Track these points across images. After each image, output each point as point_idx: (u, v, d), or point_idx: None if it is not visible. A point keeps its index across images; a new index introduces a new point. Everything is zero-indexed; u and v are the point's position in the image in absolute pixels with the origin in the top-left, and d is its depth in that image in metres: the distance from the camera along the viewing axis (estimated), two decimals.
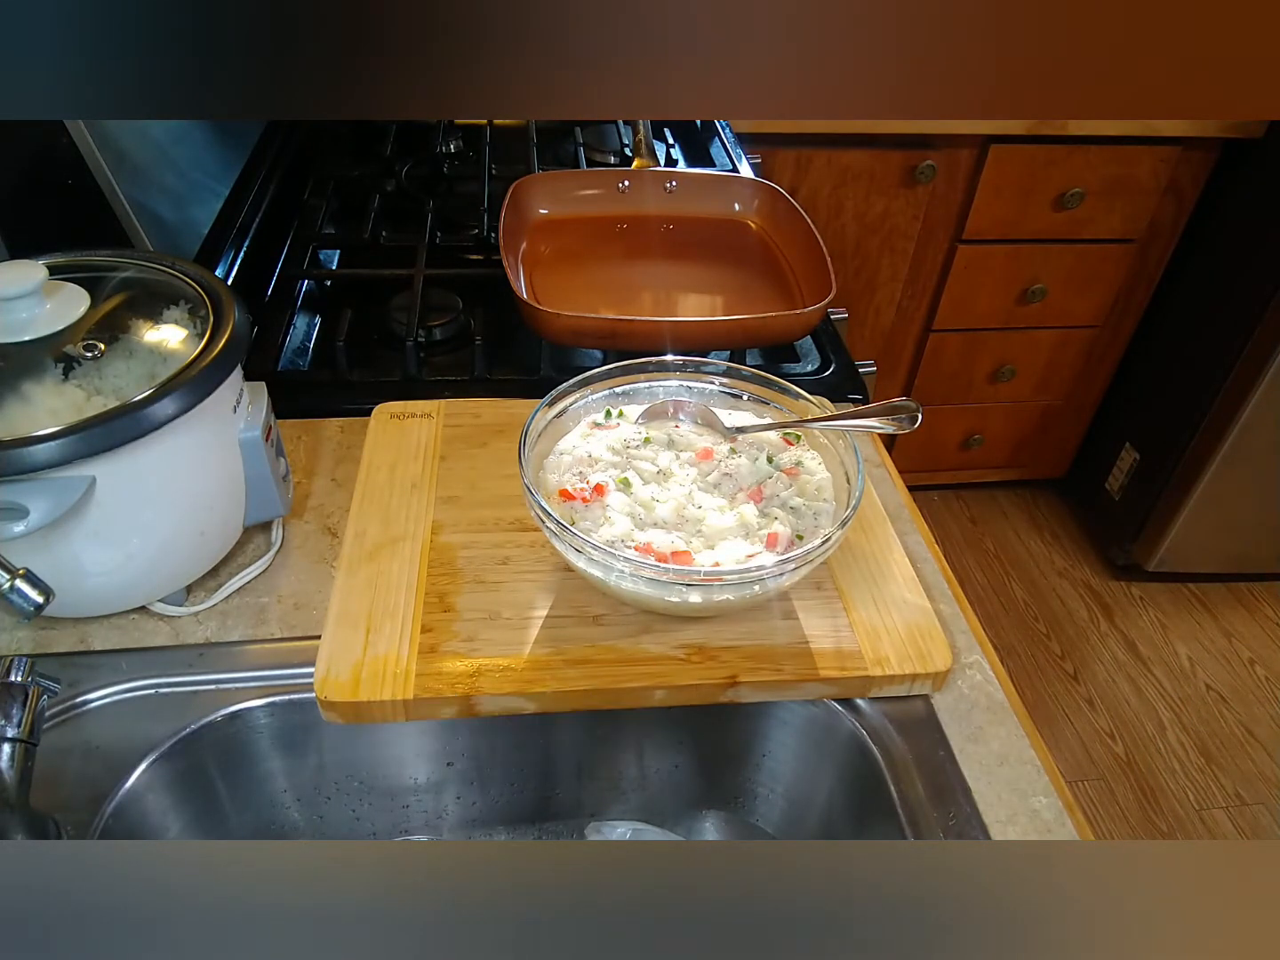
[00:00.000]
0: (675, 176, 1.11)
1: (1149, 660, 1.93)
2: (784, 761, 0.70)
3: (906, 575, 0.68)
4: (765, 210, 1.10)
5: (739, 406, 0.72)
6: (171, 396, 0.56)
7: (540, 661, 0.61)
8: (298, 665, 0.63)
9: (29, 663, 0.50)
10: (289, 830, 0.70)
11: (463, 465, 0.75)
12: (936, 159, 1.69)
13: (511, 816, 0.74)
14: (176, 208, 1.00)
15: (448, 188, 1.25)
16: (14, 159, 0.84)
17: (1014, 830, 0.57)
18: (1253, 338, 1.70)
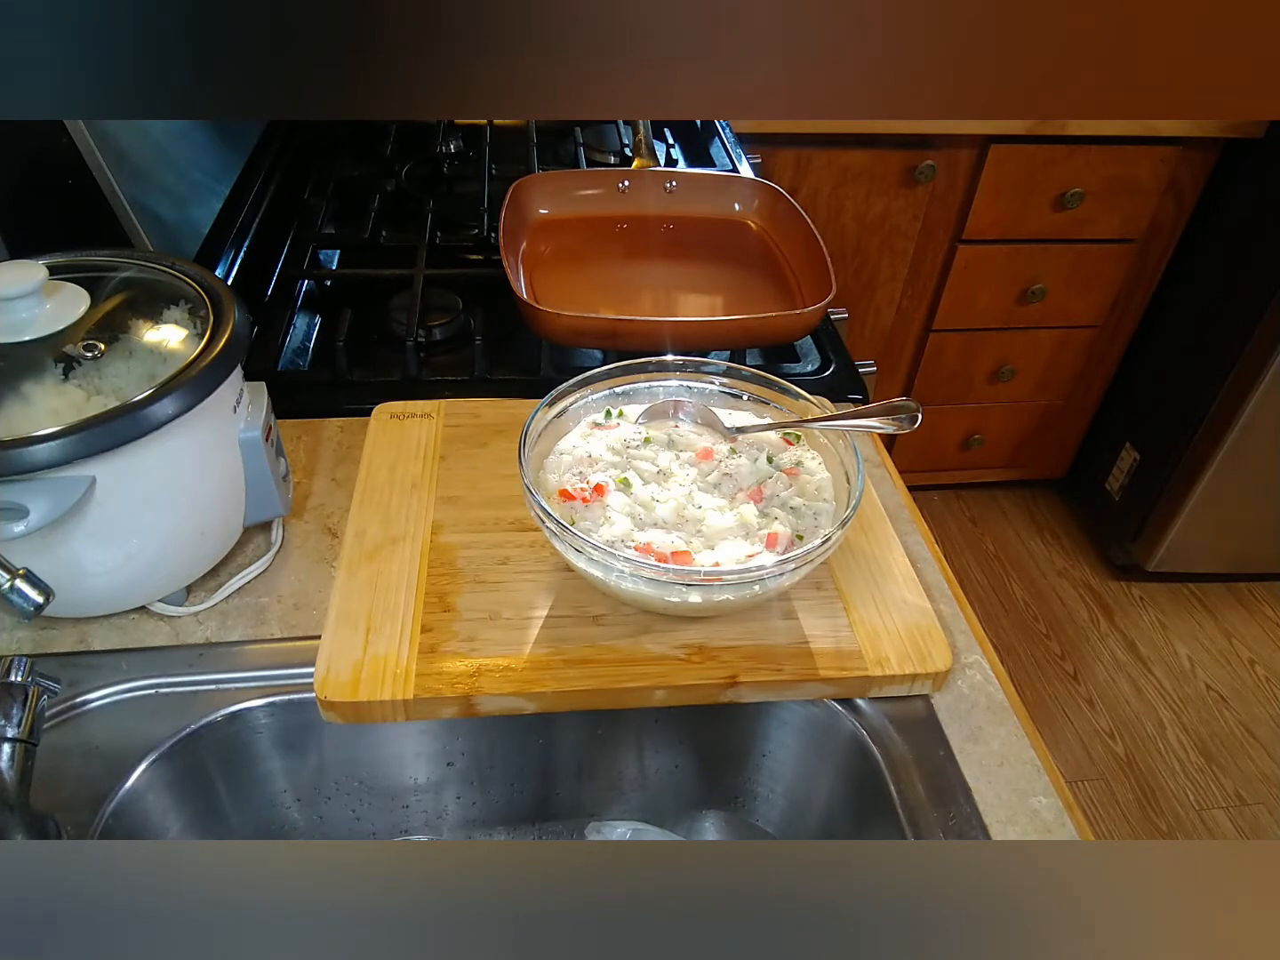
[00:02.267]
0: (675, 176, 1.11)
1: (1149, 660, 1.93)
2: (784, 761, 0.70)
3: (906, 575, 0.68)
4: (765, 210, 1.10)
5: (739, 406, 0.72)
6: (171, 396, 0.56)
7: (540, 661, 0.61)
8: (298, 665, 0.63)
9: (29, 663, 0.50)
10: (289, 830, 0.70)
11: (463, 465, 0.75)
12: (936, 159, 1.69)
13: (511, 816, 0.74)
14: (176, 208, 1.00)
15: (448, 188, 1.25)
16: (14, 159, 0.84)
17: (1014, 830, 0.57)
18: (1253, 338, 1.70)
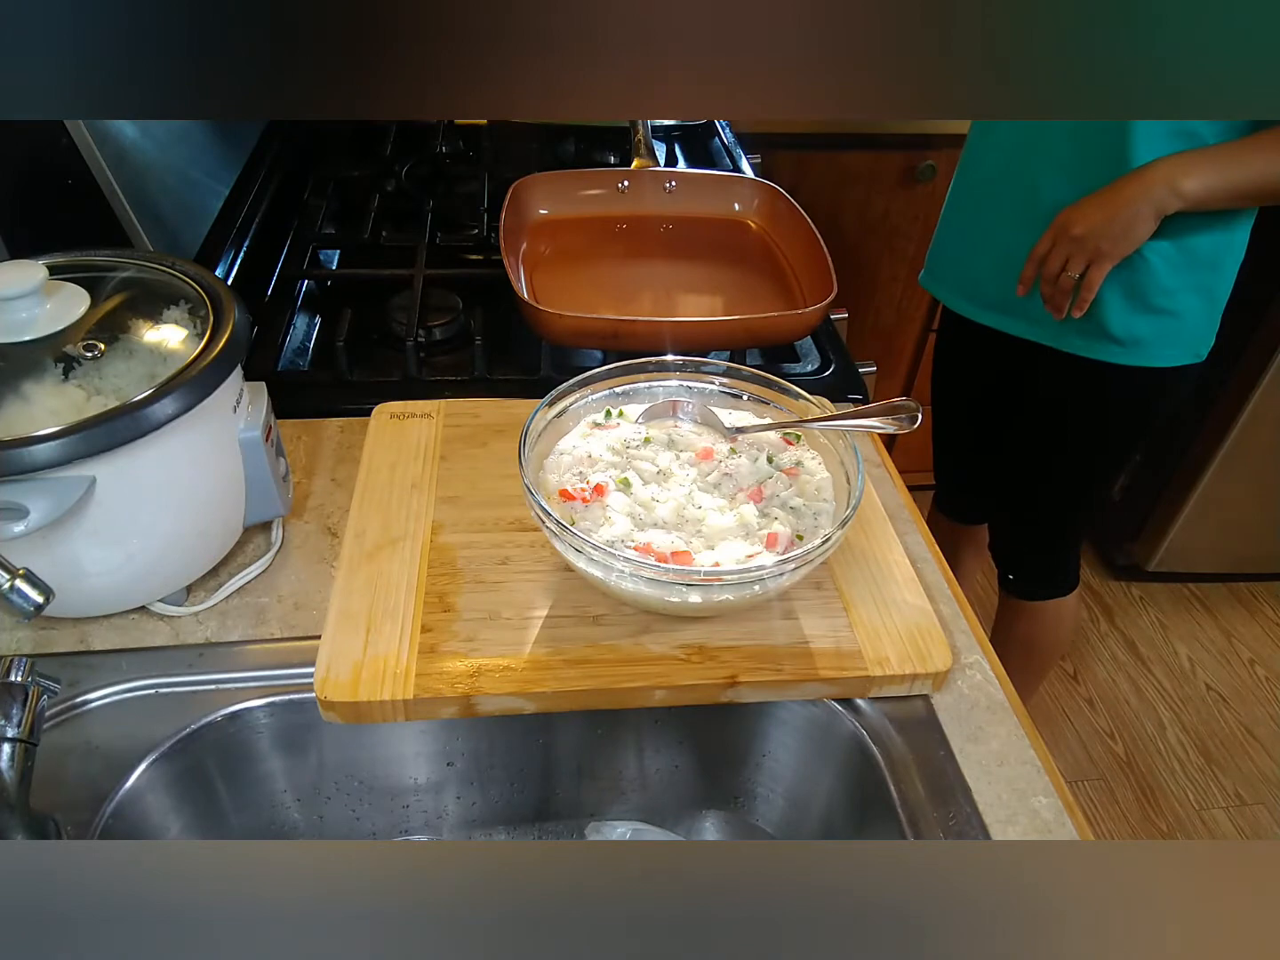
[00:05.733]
0: (675, 176, 1.11)
1: (1149, 660, 1.92)
2: (784, 761, 0.70)
3: (906, 575, 0.68)
4: (766, 210, 1.10)
5: (739, 406, 0.72)
6: (171, 396, 0.56)
7: (540, 661, 0.61)
8: (298, 665, 0.63)
9: (29, 663, 0.50)
10: (289, 830, 0.70)
11: (463, 465, 0.75)
12: (936, 159, 1.69)
13: (511, 816, 0.74)
14: (176, 208, 1.00)
15: (448, 188, 1.25)
16: (14, 159, 0.84)
17: (1014, 830, 0.57)
18: (1253, 338, 1.70)
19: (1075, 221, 0.93)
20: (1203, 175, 0.90)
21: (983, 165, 1.10)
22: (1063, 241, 0.95)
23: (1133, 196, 0.90)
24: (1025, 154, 1.02)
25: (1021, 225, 1.03)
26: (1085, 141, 0.96)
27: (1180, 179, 0.89)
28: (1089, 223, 0.92)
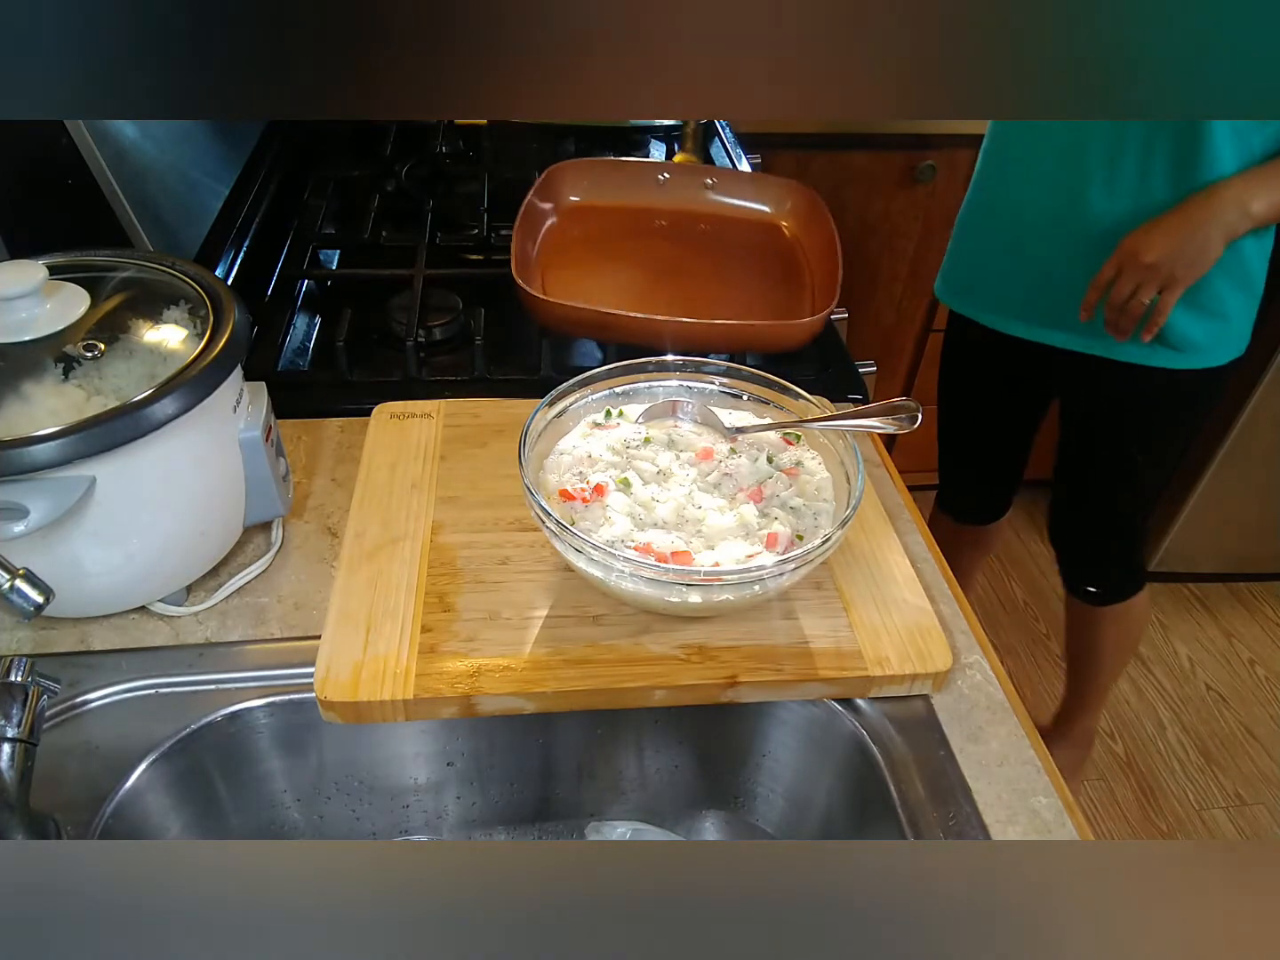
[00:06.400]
0: (715, 173, 1.10)
1: (1149, 660, 1.92)
2: (784, 761, 0.70)
3: (906, 575, 0.68)
4: (801, 214, 1.09)
5: (739, 406, 0.72)
6: (171, 396, 0.56)
7: (540, 661, 0.61)
8: (298, 665, 0.63)
9: (29, 663, 0.50)
10: (289, 830, 0.70)
11: (463, 465, 0.75)
12: (936, 159, 1.69)
13: (511, 816, 0.74)
14: (176, 208, 1.00)
15: (448, 188, 1.25)
16: (14, 159, 0.84)
17: (1014, 830, 0.57)
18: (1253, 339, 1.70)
19: (1145, 249, 0.91)
20: (1270, 195, 0.89)
21: (1007, 179, 1.08)
22: (1131, 268, 0.93)
23: (1204, 220, 0.89)
24: (1060, 168, 1.00)
25: (1062, 241, 1.01)
26: (1142, 157, 0.94)
27: (1250, 201, 0.88)
28: (1159, 250, 0.90)
